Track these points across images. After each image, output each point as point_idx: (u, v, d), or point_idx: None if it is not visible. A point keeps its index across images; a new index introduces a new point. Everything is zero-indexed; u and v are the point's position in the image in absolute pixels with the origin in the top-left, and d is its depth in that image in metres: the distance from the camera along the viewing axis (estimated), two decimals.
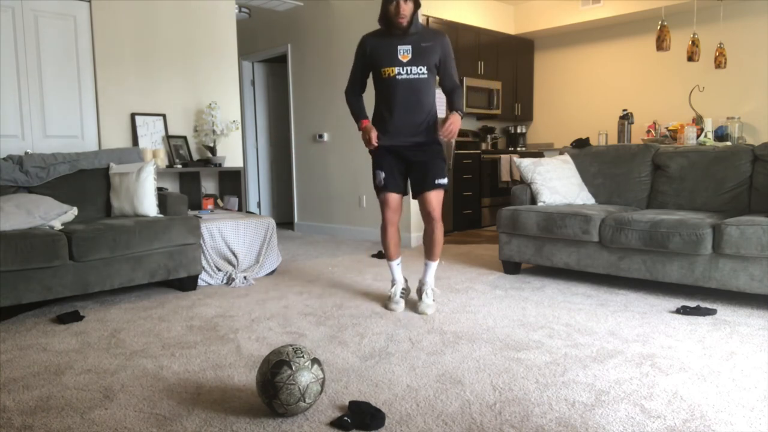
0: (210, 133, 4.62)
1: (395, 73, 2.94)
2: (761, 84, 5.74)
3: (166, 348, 2.55)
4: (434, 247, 3.14)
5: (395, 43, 2.94)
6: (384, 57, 2.95)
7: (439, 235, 3.12)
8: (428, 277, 3.18)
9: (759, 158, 3.61)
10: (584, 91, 7.08)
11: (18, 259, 2.89)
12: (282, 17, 6.53)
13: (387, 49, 2.95)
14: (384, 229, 3.17)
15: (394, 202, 3.11)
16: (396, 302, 3.13)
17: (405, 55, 2.93)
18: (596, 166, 4.22)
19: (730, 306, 3.09)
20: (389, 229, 3.16)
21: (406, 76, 2.94)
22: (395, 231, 3.18)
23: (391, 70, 2.94)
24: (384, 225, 3.17)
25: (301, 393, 1.76)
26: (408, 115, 2.99)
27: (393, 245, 3.19)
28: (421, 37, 2.95)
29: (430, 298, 3.12)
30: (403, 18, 2.86)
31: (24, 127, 3.92)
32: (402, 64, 2.93)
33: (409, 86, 2.95)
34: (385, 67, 2.95)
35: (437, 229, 3.10)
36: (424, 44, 2.94)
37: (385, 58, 2.95)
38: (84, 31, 4.15)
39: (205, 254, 3.82)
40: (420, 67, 2.93)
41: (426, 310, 3.04)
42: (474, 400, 1.95)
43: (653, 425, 1.75)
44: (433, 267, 3.19)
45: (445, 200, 5.90)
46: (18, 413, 1.91)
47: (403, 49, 2.93)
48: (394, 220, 3.15)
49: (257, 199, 7.22)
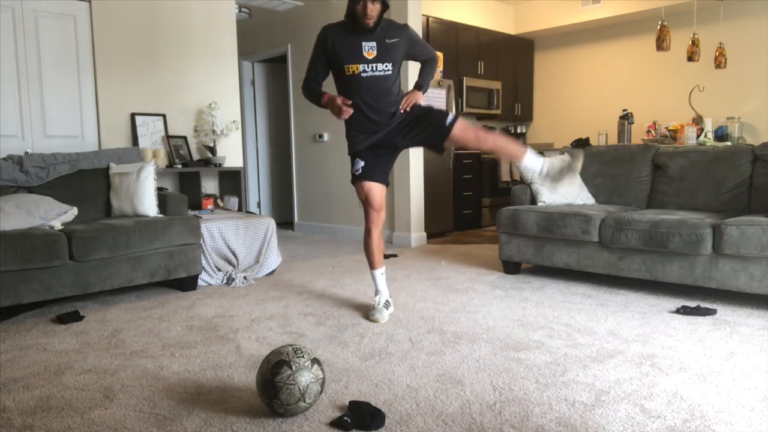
0: (210, 133, 4.62)
1: (360, 70, 2.79)
2: (761, 84, 5.74)
3: (166, 348, 2.55)
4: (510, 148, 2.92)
5: (360, 39, 2.79)
6: (348, 53, 2.80)
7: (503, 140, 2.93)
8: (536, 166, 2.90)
9: (759, 158, 3.61)
10: (584, 91, 7.08)
11: (18, 259, 2.89)
12: (282, 17, 6.53)
13: (351, 45, 2.80)
14: (368, 232, 2.99)
15: (376, 194, 2.93)
16: (379, 311, 2.94)
17: (370, 51, 2.79)
18: (596, 166, 4.22)
19: (730, 306, 3.09)
20: (373, 232, 2.99)
21: (372, 74, 2.80)
22: (379, 235, 3.02)
23: (355, 67, 2.79)
24: (368, 227, 2.99)
25: (301, 393, 1.76)
26: (377, 107, 2.84)
27: (377, 252, 3.03)
28: (385, 33, 2.82)
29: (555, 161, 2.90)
30: (370, 19, 2.73)
31: (24, 127, 3.92)
32: (367, 61, 2.79)
33: (374, 83, 2.82)
34: (349, 64, 2.80)
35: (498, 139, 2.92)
36: (389, 41, 2.82)
37: (349, 55, 2.80)
38: (84, 31, 4.15)
39: (205, 254, 3.82)
40: (385, 64, 2.81)
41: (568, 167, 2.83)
42: (474, 400, 1.95)
43: (653, 425, 1.75)
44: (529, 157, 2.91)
45: (446, 200, 5.93)
46: (18, 413, 1.91)
47: (368, 45, 2.79)
48: (377, 221, 2.97)
49: (257, 199, 7.22)
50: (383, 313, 2.94)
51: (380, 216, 2.99)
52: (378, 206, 2.96)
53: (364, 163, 2.93)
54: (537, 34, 7.24)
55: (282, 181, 7.20)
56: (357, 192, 3.00)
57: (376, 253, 3.04)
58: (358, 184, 2.95)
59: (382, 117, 2.87)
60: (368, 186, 2.94)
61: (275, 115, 7.21)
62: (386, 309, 3.00)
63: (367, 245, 3.03)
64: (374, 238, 3.01)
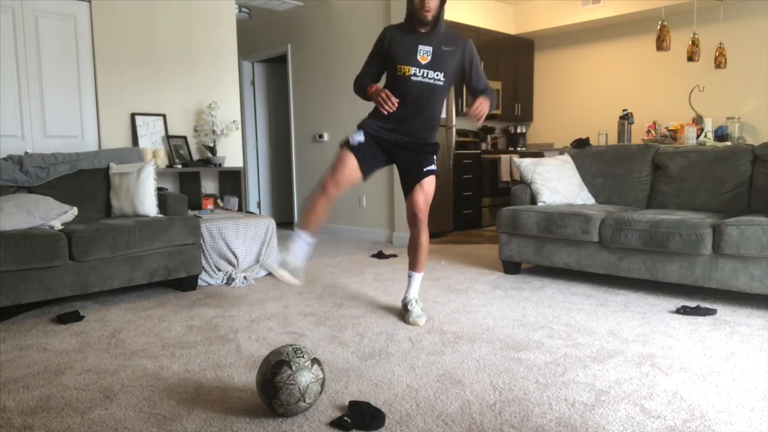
0: (210, 133, 4.62)
1: (411, 72, 2.71)
2: (761, 84, 5.74)
3: (166, 348, 2.55)
4: (420, 255, 2.92)
5: (417, 41, 2.72)
6: (402, 53, 2.73)
7: (425, 242, 2.90)
8: (412, 292, 2.98)
9: (759, 158, 3.61)
10: (584, 91, 7.08)
11: (18, 259, 2.89)
12: (282, 17, 6.53)
13: (407, 45, 2.73)
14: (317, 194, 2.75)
15: (350, 168, 2.75)
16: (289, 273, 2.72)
17: (424, 56, 2.72)
18: (596, 166, 4.22)
19: (730, 306, 3.09)
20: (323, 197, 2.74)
21: (422, 79, 2.72)
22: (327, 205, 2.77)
23: (407, 68, 2.72)
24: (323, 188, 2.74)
25: (301, 393, 1.76)
26: (411, 118, 2.77)
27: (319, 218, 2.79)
28: (444, 41, 2.75)
29: (418, 307, 2.93)
30: (429, 11, 2.64)
31: (24, 127, 3.92)
32: (420, 65, 2.71)
33: (422, 90, 2.73)
34: (401, 64, 2.72)
35: (423, 233, 2.88)
36: (446, 48, 2.74)
37: (403, 54, 2.73)
38: (84, 31, 4.15)
39: (205, 254, 3.82)
40: (437, 72, 2.73)
41: (418, 321, 2.83)
42: (474, 400, 1.95)
43: (653, 425, 1.75)
44: (418, 279, 2.98)
45: (445, 200, 5.92)
46: (18, 413, 1.91)
47: (423, 49, 2.72)
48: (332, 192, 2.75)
49: (257, 199, 7.22)
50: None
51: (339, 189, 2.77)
52: (346, 177, 2.77)
53: (364, 140, 2.80)
54: (537, 34, 7.24)
55: (282, 181, 7.20)
56: (336, 157, 2.81)
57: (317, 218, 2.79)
58: (344, 153, 2.78)
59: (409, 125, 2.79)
60: (350, 161, 2.77)
61: (275, 115, 7.21)
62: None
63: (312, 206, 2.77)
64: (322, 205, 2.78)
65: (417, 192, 2.85)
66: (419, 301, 3.01)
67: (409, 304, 2.94)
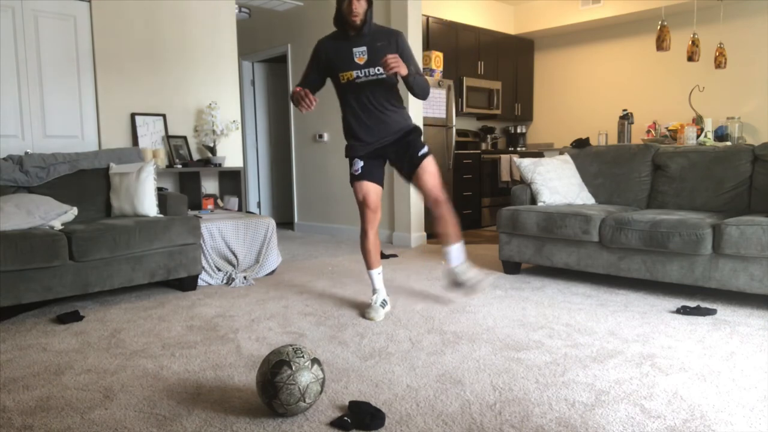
0: (210, 133, 4.62)
1: (354, 76, 2.85)
2: (761, 84, 5.74)
3: (166, 348, 2.55)
4: (449, 227, 3.00)
5: (350, 46, 2.85)
6: (341, 61, 2.87)
7: (449, 214, 2.99)
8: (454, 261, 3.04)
9: (759, 158, 3.61)
10: (584, 91, 7.09)
11: (18, 259, 2.89)
12: (282, 17, 6.53)
13: (343, 53, 2.86)
14: (364, 233, 3.01)
15: (373, 194, 2.97)
16: (375, 310, 2.97)
17: (361, 57, 2.84)
18: (596, 166, 4.22)
19: (730, 306, 3.09)
20: (369, 233, 3.00)
21: (366, 78, 2.85)
22: (375, 235, 3.03)
23: (349, 74, 2.86)
24: (364, 229, 3.00)
25: (301, 393, 1.76)
26: (376, 117, 2.91)
27: (374, 252, 3.05)
28: (376, 38, 2.86)
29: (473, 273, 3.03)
30: (356, 16, 2.76)
31: (24, 127, 3.92)
32: (359, 66, 2.84)
33: (371, 88, 2.87)
34: (342, 72, 2.87)
35: (444, 208, 2.97)
36: (379, 43, 2.85)
37: (341, 63, 2.86)
38: (84, 31, 4.15)
39: (205, 254, 3.82)
40: (377, 67, 2.82)
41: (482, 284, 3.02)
42: (474, 400, 1.95)
43: (653, 425, 1.75)
44: (455, 250, 3.04)
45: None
46: (18, 413, 1.91)
47: (358, 51, 2.84)
48: (374, 222, 2.99)
49: (257, 199, 7.23)
50: (379, 312, 2.96)
51: (376, 217, 3.01)
52: (374, 207, 2.99)
53: (363, 163, 2.98)
54: (537, 34, 7.24)
55: (282, 181, 7.20)
56: (355, 192, 3.02)
57: (372, 253, 3.06)
58: (357, 184, 2.99)
59: (379, 126, 2.94)
60: (366, 186, 2.98)
61: (275, 115, 7.21)
62: (383, 308, 3.01)
63: (364, 246, 3.05)
64: (371, 239, 3.03)
65: (422, 176, 2.95)
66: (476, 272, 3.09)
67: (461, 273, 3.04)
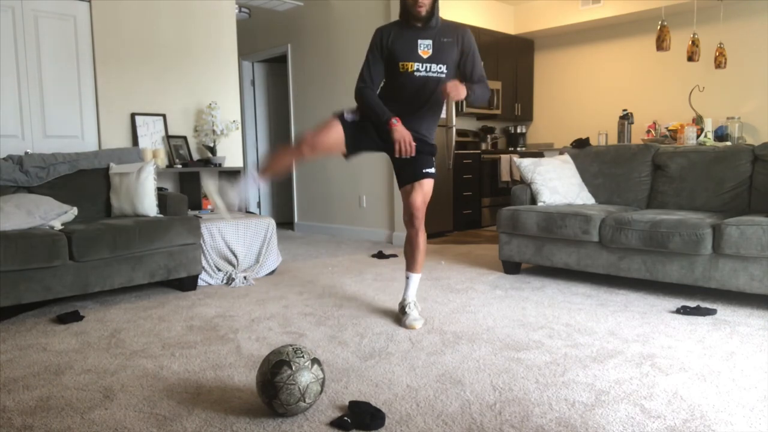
0: (210, 133, 4.62)
1: (413, 68, 2.66)
2: (761, 84, 5.74)
3: (166, 348, 2.55)
4: (417, 255, 2.86)
5: (416, 36, 2.67)
6: (403, 50, 2.67)
7: (423, 242, 2.84)
8: (410, 294, 2.91)
9: (759, 158, 3.61)
10: (584, 91, 7.08)
11: (18, 259, 2.89)
12: (282, 17, 6.53)
13: (407, 41, 2.67)
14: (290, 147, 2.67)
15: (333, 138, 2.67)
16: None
17: (425, 50, 2.66)
18: (596, 166, 4.22)
19: (730, 306, 3.09)
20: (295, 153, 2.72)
21: (425, 74, 2.67)
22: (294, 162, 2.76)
23: (410, 65, 2.65)
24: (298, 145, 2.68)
25: (301, 393, 1.76)
26: (414, 114, 2.72)
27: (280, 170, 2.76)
28: (442, 33, 2.70)
29: (416, 311, 2.87)
30: (422, 6, 2.61)
31: (24, 127, 3.92)
32: (422, 60, 2.66)
33: (425, 85, 2.68)
34: (403, 61, 2.66)
35: (420, 233, 2.82)
36: (445, 39, 2.69)
37: (403, 51, 2.66)
38: (84, 31, 4.15)
39: (205, 254, 3.82)
40: (440, 65, 2.68)
41: (414, 324, 2.77)
42: (474, 400, 1.95)
43: (653, 425, 1.75)
44: (416, 281, 2.92)
45: (445, 200, 5.93)
46: (18, 413, 1.91)
47: (423, 43, 2.66)
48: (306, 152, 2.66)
49: (257, 199, 7.22)
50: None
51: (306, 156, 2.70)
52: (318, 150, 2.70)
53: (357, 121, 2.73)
54: (537, 34, 7.24)
55: (282, 181, 7.20)
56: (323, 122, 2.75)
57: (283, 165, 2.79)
58: (335, 122, 2.71)
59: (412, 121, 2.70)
60: (336, 132, 2.69)
61: (275, 115, 7.21)
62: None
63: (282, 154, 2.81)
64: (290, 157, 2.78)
65: (416, 192, 2.79)
66: (417, 304, 2.94)
67: (407, 306, 2.87)
